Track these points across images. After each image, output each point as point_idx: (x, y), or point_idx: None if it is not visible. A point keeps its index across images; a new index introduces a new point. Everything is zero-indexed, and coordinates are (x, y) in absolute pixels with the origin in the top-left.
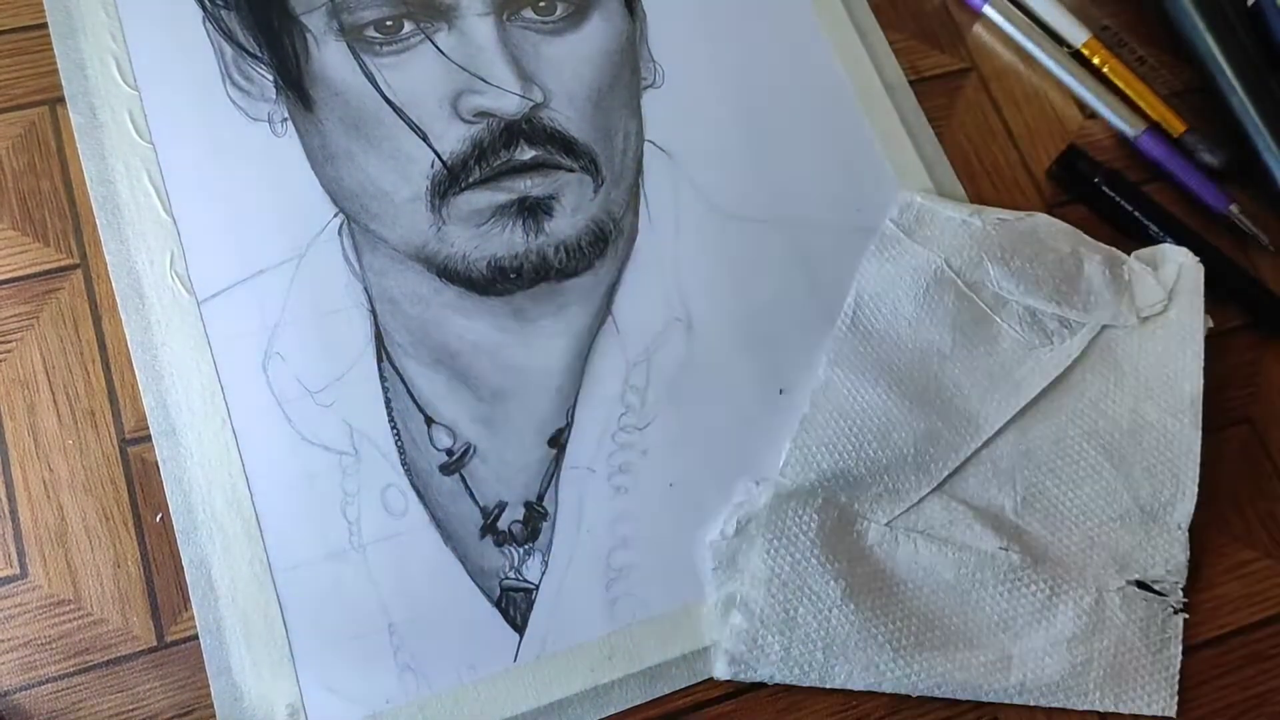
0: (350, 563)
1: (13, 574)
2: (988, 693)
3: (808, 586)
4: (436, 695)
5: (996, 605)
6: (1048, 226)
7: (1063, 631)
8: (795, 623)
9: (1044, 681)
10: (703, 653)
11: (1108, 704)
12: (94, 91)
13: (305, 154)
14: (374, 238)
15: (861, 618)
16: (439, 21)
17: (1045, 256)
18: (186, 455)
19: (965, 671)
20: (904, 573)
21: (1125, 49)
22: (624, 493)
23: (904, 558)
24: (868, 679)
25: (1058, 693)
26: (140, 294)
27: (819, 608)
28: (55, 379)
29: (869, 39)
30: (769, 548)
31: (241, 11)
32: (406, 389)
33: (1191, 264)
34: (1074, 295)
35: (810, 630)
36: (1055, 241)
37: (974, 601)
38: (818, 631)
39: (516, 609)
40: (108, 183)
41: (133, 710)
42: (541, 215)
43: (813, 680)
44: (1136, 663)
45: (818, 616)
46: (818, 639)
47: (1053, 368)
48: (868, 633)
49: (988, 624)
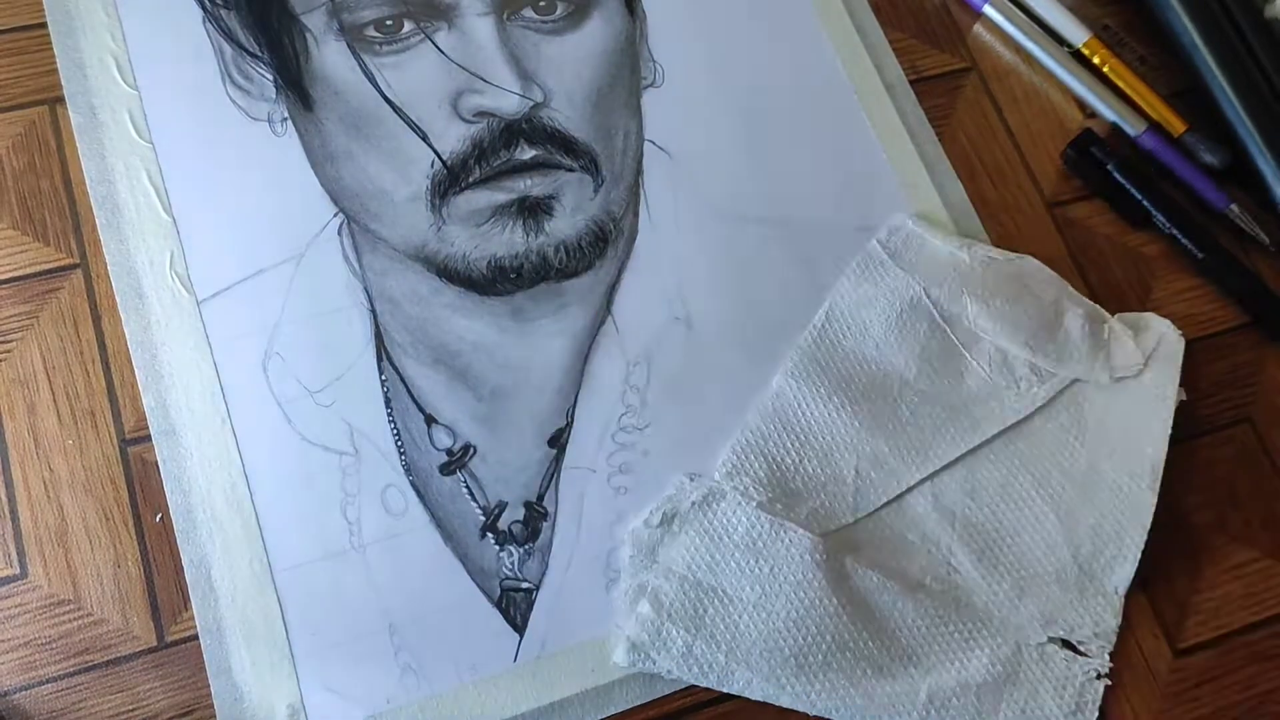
0: (350, 563)
1: (13, 574)
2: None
3: (722, 588)
4: (437, 695)
5: (913, 638)
6: (1036, 273)
7: (974, 676)
8: (702, 621)
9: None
10: None
11: None
12: (94, 91)
13: (305, 154)
14: (374, 237)
15: (771, 627)
16: (439, 21)
17: (1027, 301)
18: (186, 455)
19: (868, 700)
20: (825, 591)
21: (1125, 49)
22: (624, 493)
23: (828, 576)
24: (767, 690)
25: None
26: (140, 294)
27: (729, 611)
28: (55, 379)
29: (869, 39)
30: (690, 544)
31: (241, 11)
32: (406, 389)
33: (1173, 335)
34: (1049, 344)
35: (716, 631)
36: (1040, 288)
37: (890, 630)
38: (724, 634)
39: (516, 609)
40: (107, 182)
41: (133, 710)
42: (541, 215)
43: (711, 681)
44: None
45: (726, 619)
46: (722, 641)
47: (1014, 412)
48: (775, 643)
49: (900, 655)
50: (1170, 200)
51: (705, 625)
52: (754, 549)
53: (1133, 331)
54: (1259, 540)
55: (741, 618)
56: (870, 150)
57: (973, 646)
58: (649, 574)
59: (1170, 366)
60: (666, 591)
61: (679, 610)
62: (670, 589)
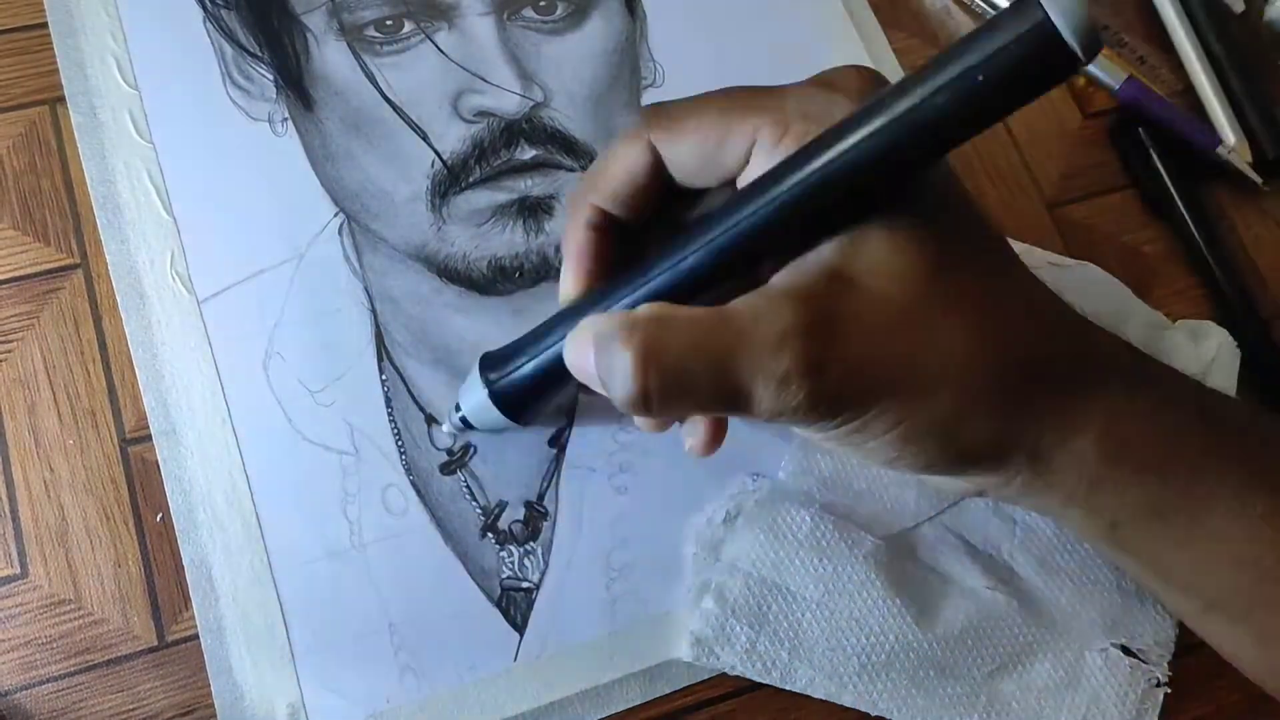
0: (351, 562)
1: (13, 574)
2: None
3: (786, 586)
4: (437, 695)
5: (975, 640)
6: (1101, 281)
7: (1036, 680)
8: (766, 618)
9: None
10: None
11: None
12: (94, 91)
13: (305, 153)
14: (374, 237)
15: (835, 626)
16: (439, 21)
17: (1087, 307)
18: (187, 455)
19: (930, 699)
20: (887, 591)
21: (1125, 48)
22: (625, 492)
23: (890, 577)
24: (829, 688)
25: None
26: (140, 294)
27: (793, 608)
28: (56, 379)
29: (869, 39)
30: (754, 541)
31: (242, 11)
32: (407, 388)
33: (1230, 344)
34: None
35: (780, 628)
36: (1102, 295)
37: (953, 632)
38: (787, 631)
39: (517, 609)
40: (108, 182)
41: (133, 710)
42: (542, 215)
43: (774, 679)
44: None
45: (790, 616)
46: (786, 638)
47: None
48: (838, 641)
49: (963, 656)
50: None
51: (769, 622)
52: (817, 548)
53: (1193, 340)
54: None
55: (805, 616)
56: None
57: (1035, 649)
58: (713, 571)
59: (1228, 376)
60: (731, 588)
61: (743, 606)
62: (735, 585)
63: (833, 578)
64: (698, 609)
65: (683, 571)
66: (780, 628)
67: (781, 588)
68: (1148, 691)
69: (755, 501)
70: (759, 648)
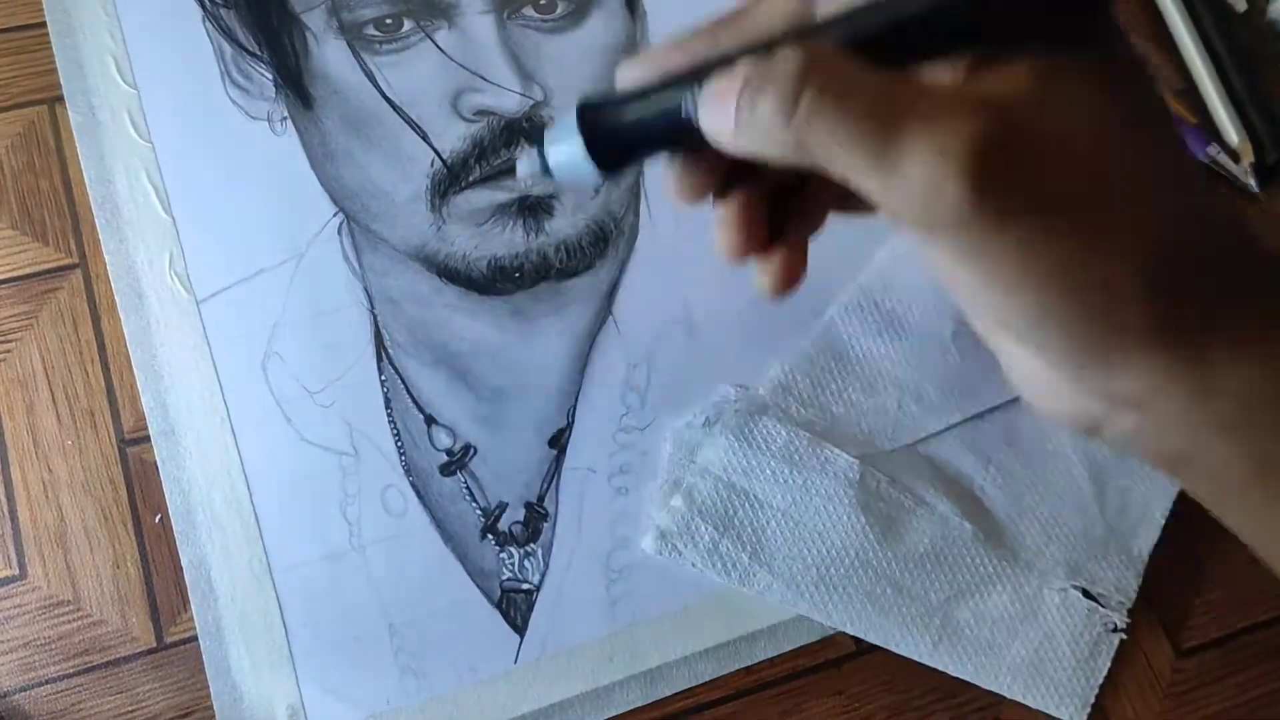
0: (350, 563)
1: (12, 575)
2: (900, 644)
3: (754, 493)
4: (437, 697)
5: (937, 565)
6: None
7: (992, 610)
8: (731, 522)
9: (960, 650)
10: (704, 654)
11: (1015, 692)
12: (93, 91)
13: (305, 153)
14: (374, 237)
15: (798, 536)
16: (439, 19)
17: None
18: (186, 455)
19: (884, 616)
20: (854, 508)
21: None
22: (624, 493)
23: (859, 495)
24: (785, 594)
25: (968, 665)
26: (139, 293)
27: (759, 515)
28: (55, 379)
29: None
30: (728, 448)
31: (241, 10)
32: (406, 389)
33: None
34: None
35: (744, 533)
36: None
37: (916, 556)
38: (751, 536)
39: (517, 610)
40: (107, 182)
41: (132, 711)
42: (542, 214)
43: (734, 580)
44: (1057, 665)
45: (754, 522)
46: (748, 542)
47: None
48: (799, 551)
49: (922, 578)
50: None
51: (734, 526)
52: (789, 460)
53: None
54: None
55: (769, 523)
56: None
57: (995, 581)
58: (685, 471)
59: None
60: (700, 489)
61: (710, 507)
62: (704, 487)
63: (801, 489)
64: (666, 506)
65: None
66: (744, 532)
67: (750, 494)
68: (1103, 635)
69: (735, 410)
70: (721, 548)
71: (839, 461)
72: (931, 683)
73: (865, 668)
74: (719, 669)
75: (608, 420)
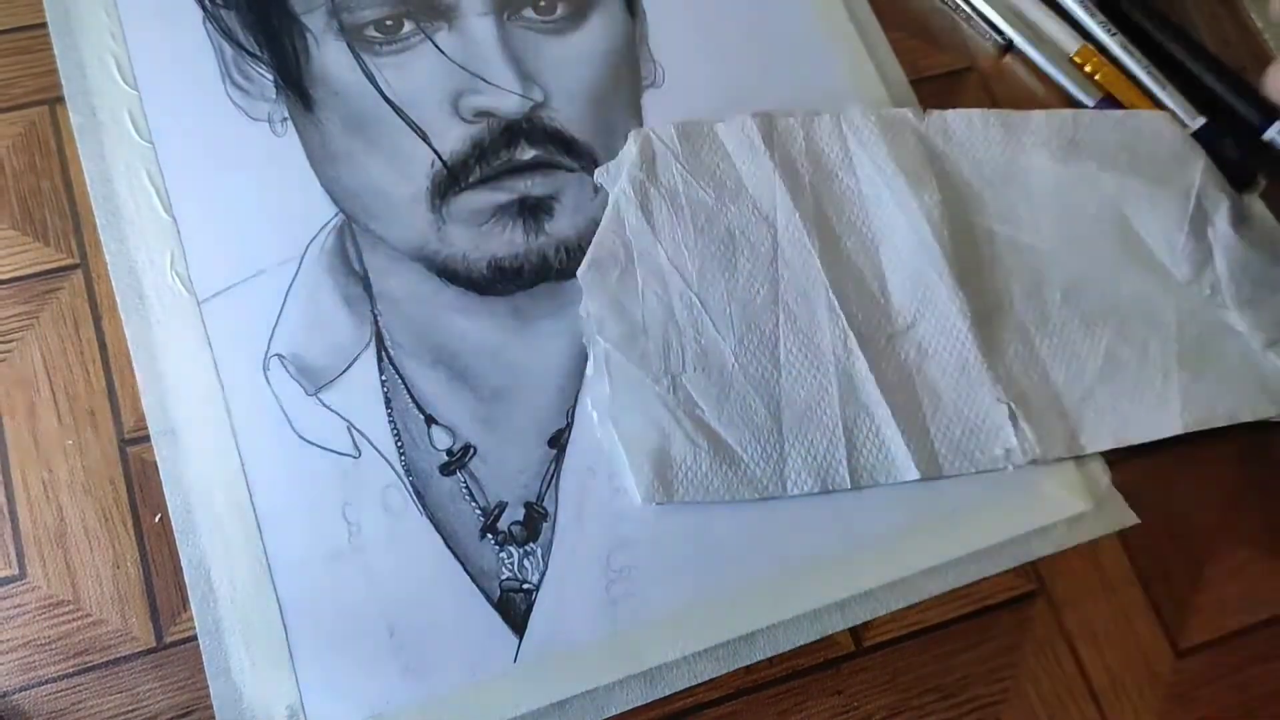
0: (350, 563)
1: (12, 575)
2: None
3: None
4: (437, 697)
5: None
6: (1166, 134)
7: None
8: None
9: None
10: (704, 653)
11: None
12: (94, 91)
13: (305, 154)
14: (374, 238)
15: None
16: (439, 21)
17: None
18: (186, 455)
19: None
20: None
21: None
22: (624, 493)
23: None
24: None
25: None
26: (140, 294)
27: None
28: (55, 379)
29: (869, 38)
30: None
31: (241, 11)
32: (406, 389)
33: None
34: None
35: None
36: (1169, 148)
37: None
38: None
39: (516, 610)
40: (107, 182)
41: (132, 711)
42: (542, 215)
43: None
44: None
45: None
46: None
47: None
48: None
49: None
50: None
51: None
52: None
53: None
54: (1260, 540)
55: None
56: None
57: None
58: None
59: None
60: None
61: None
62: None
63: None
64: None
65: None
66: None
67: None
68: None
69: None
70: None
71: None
72: (931, 683)
73: (864, 668)
74: (718, 669)
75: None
